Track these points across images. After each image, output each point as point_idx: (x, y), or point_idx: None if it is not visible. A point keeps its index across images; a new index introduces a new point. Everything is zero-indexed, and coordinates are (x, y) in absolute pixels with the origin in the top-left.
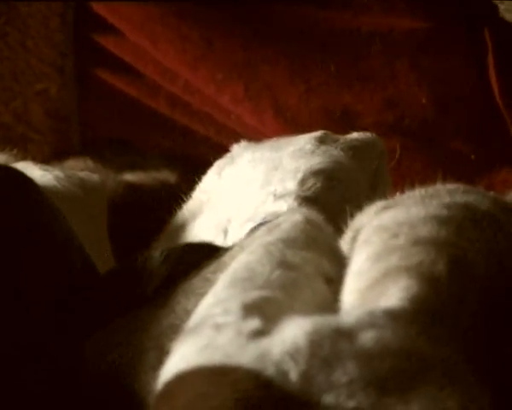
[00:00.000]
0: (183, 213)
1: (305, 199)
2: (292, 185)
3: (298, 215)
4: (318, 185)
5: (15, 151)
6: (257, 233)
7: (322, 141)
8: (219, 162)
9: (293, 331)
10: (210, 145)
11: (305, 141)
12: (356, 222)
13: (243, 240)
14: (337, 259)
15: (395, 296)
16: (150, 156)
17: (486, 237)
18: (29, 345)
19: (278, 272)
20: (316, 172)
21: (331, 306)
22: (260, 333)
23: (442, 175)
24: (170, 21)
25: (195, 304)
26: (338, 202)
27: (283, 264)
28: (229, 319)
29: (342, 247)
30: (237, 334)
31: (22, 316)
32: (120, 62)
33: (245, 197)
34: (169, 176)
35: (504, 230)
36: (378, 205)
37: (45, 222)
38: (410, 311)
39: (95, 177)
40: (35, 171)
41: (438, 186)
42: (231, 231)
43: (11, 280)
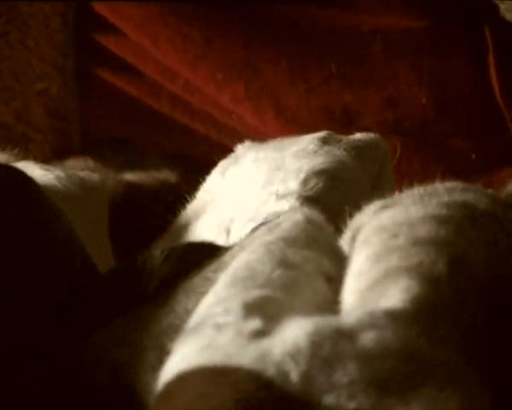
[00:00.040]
0: (187, 212)
1: (307, 199)
2: (294, 185)
3: (298, 214)
4: (321, 185)
5: (16, 151)
6: (257, 232)
7: (325, 141)
8: (223, 162)
9: (293, 332)
10: (210, 145)
11: (309, 141)
12: (355, 222)
13: (244, 239)
14: (338, 258)
15: (395, 297)
16: (150, 156)
17: (486, 236)
18: (29, 344)
19: (279, 272)
20: (318, 172)
21: (332, 305)
22: (261, 333)
23: (442, 174)
24: (170, 21)
25: (196, 303)
26: (340, 203)
27: (284, 263)
28: (229, 319)
29: (342, 247)
30: (238, 334)
31: (22, 315)
32: (121, 62)
33: (248, 197)
34: (169, 175)
35: (503, 227)
36: (376, 205)
37: (46, 221)
38: (411, 311)
39: (95, 176)
40: (36, 170)
41: (436, 185)
42: (234, 231)
43: (11, 279)
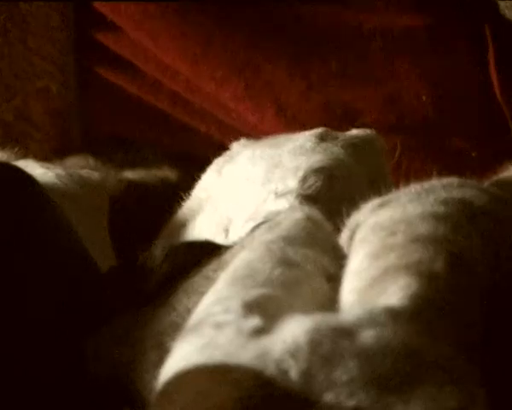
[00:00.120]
0: (183, 211)
1: (307, 197)
2: (293, 183)
3: (298, 213)
4: (319, 184)
5: (16, 149)
6: (257, 231)
7: (322, 138)
8: (218, 160)
9: (293, 330)
10: (211, 143)
11: (305, 138)
12: (352, 220)
13: (244, 238)
14: (338, 257)
15: (395, 295)
16: (151, 154)
17: (483, 233)
18: (29, 344)
19: (279, 270)
20: (317, 169)
21: (332, 304)
22: (261, 332)
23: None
24: (170, 19)
25: (196, 302)
26: (339, 200)
27: (284, 262)
28: (229, 318)
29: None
30: (238, 332)
31: (22, 314)
32: (121, 60)
33: (246, 196)
34: (170, 173)
35: (501, 223)
36: (374, 203)
37: (46, 220)
38: (410, 309)
39: (95, 174)
40: (36, 169)
41: (433, 181)
42: (232, 230)
43: (11, 278)
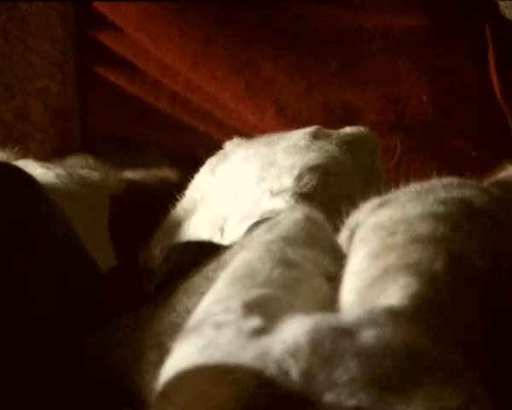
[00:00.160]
0: (178, 211)
1: (302, 195)
2: (288, 182)
3: (298, 213)
4: (314, 182)
5: (16, 149)
6: (257, 231)
7: (315, 136)
8: (211, 160)
9: (293, 330)
10: (211, 143)
11: (299, 136)
12: (351, 220)
13: (243, 238)
14: (337, 257)
15: (395, 295)
16: (151, 154)
17: (483, 232)
18: (29, 343)
19: (279, 270)
20: (311, 168)
21: (332, 304)
22: (261, 332)
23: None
24: (170, 19)
25: (196, 303)
26: (335, 198)
27: (284, 262)
28: (229, 318)
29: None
30: (238, 333)
31: (22, 314)
32: (121, 60)
33: (240, 195)
34: (170, 173)
35: (500, 223)
36: (373, 202)
37: (46, 220)
38: (411, 309)
39: (96, 174)
40: (36, 169)
41: (432, 181)
42: (228, 230)
43: (11, 278)
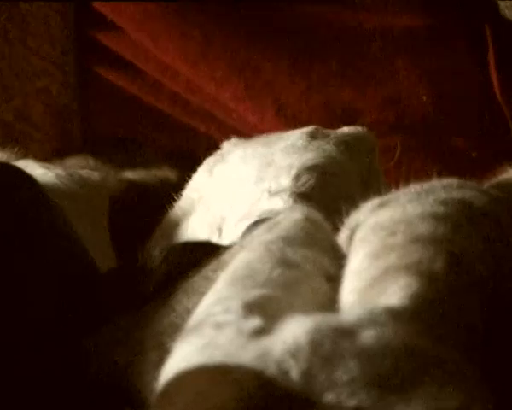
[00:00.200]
0: (175, 211)
1: (300, 195)
2: (286, 182)
3: (297, 213)
4: (312, 181)
5: (16, 149)
6: (257, 231)
7: (313, 136)
8: (209, 160)
9: (293, 330)
10: (211, 143)
11: (297, 136)
12: (351, 220)
13: (243, 238)
14: (337, 257)
15: (395, 295)
16: (151, 154)
17: (482, 233)
18: (29, 343)
19: (279, 271)
20: (309, 167)
21: (332, 304)
22: (261, 332)
23: (443, 172)
24: (170, 19)
25: (196, 303)
26: (333, 198)
27: (284, 262)
28: (229, 318)
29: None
30: (238, 333)
31: (22, 314)
32: (121, 60)
33: (238, 195)
34: (170, 173)
35: (500, 224)
36: (373, 202)
37: (46, 220)
38: (411, 309)
39: (96, 175)
40: (36, 169)
41: (432, 182)
42: (226, 230)
43: (11, 278)
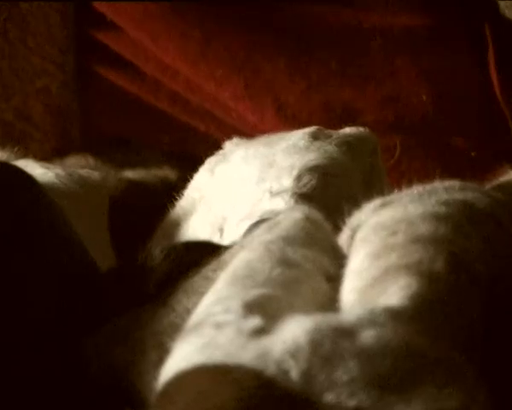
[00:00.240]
0: (177, 211)
1: (302, 196)
2: (288, 182)
3: (297, 213)
4: (314, 182)
5: (16, 149)
6: (257, 231)
7: (315, 137)
8: (211, 159)
9: (293, 330)
10: (210, 142)
11: (299, 137)
12: (353, 220)
13: (243, 238)
14: (337, 257)
15: (395, 295)
16: (151, 153)
17: (484, 234)
18: (29, 343)
19: (279, 270)
20: (311, 168)
21: (332, 304)
22: (261, 332)
23: (442, 172)
24: (170, 19)
25: (196, 303)
26: (334, 198)
27: (284, 262)
28: (229, 318)
29: (340, 245)
30: (238, 333)
31: (22, 314)
32: (121, 60)
33: (240, 195)
34: (169, 173)
35: (501, 226)
36: (375, 203)
37: (45, 219)
38: (411, 309)
39: (95, 174)
40: (36, 168)
41: (435, 183)
42: (227, 230)
43: (11, 278)
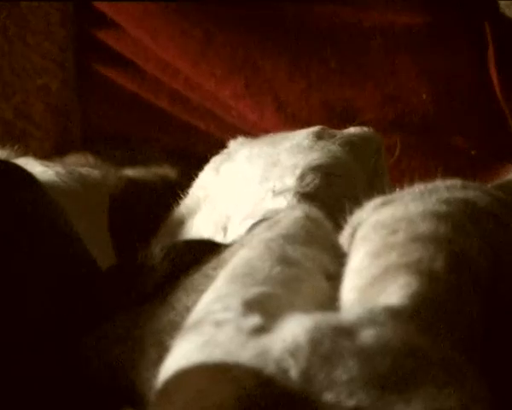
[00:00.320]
0: (181, 209)
1: (305, 195)
2: (291, 182)
3: (298, 211)
4: (317, 181)
5: (16, 147)
6: (257, 229)
7: (319, 136)
8: (216, 158)
9: (293, 329)
10: (210, 141)
11: (303, 136)
12: (354, 218)
13: (243, 236)
14: (337, 255)
15: (395, 294)
16: (151, 152)
17: (484, 233)
18: (29, 342)
19: (279, 268)
20: (314, 167)
21: (332, 302)
22: (261, 330)
23: (442, 171)
24: (170, 17)
25: (196, 301)
26: (337, 198)
27: (284, 260)
28: (229, 316)
29: (341, 243)
30: (237, 331)
31: (22, 313)
32: (121, 58)
33: (244, 194)
34: (170, 172)
35: (502, 225)
36: (376, 201)
37: (45, 217)
38: (410, 308)
39: (95, 172)
40: (36, 167)
41: (436, 182)
42: (231, 229)
43: (10, 276)
